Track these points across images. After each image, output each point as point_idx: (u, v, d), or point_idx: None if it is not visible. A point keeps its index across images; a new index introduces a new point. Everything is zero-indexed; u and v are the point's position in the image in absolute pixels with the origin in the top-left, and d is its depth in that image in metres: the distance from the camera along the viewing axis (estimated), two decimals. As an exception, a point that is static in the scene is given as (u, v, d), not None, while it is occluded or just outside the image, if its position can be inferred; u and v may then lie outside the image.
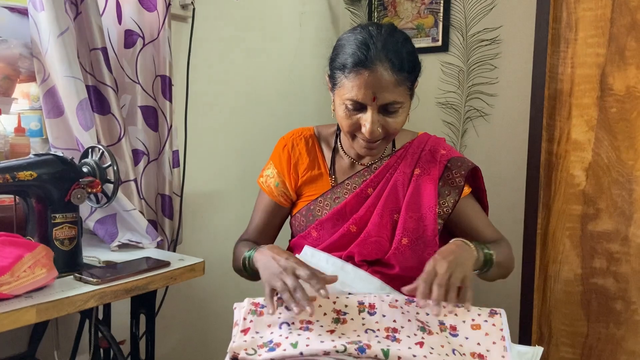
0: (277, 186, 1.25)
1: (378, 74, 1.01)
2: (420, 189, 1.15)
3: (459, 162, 1.18)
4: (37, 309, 0.87)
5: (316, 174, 1.23)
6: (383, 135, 1.08)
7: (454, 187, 1.16)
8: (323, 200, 1.20)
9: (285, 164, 1.24)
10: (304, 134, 1.27)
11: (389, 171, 1.18)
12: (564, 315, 1.70)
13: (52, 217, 1.04)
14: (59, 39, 1.18)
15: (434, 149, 1.20)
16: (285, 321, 0.94)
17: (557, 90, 1.71)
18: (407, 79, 1.04)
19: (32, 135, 1.34)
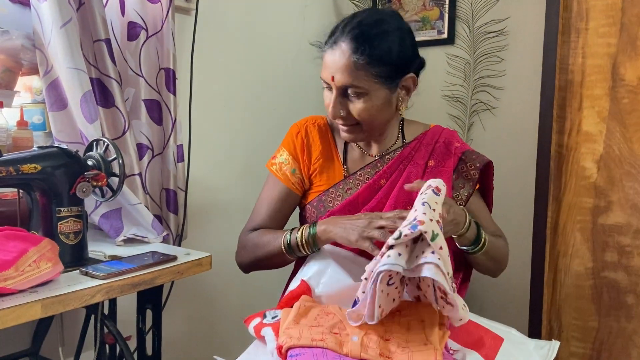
0: (294, 172, 1.22)
1: (337, 54, 1.04)
2: None
3: (474, 155, 1.18)
4: (42, 303, 0.84)
5: (329, 163, 1.21)
6: (353, 120, 1.09)
7: (468, 180, 1.15)
8: (335, 191, 1.18)
9: (300, 150, 1.22)
10: (318, 122, 1.25)
11: (403, 162, 1.16)
12: (575, 309, 1.68)
13: (57, 210, 1.02)
14: (62, 30, 1.15)
15: (448, 141, 1.19)
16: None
17: (567, 81, 1.69)
18: (373, 65, 1.03)
19: (35, 129, 1.32)
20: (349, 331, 0.89)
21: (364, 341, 0.87)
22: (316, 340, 0.87)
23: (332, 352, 0.84)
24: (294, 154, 1.23)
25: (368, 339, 0.87)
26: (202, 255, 1.16)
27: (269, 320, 1.01)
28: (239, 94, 1.81)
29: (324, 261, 1.09)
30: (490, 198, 1.25)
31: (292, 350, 0.87)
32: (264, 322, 1.00)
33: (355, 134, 1.13)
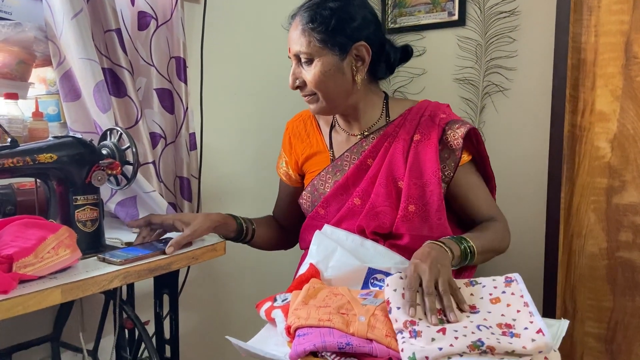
0: (282, 165, 1.36)
1: (293, 26, 1.16)
2: (420, 155, 1.13)
3: (457, 123, 1.16)
4: (62, 289, 0.87)
5: (315, 151, 1.28)
6: (310, 89, 1.15)
7: (453, 150, 1.14)
8: (325, 174, 1.22)
9: (288, 147, 1.33)
10: (303, 116, 1.35)
11: (388, 140, 1.17)
12: (589, 290, 1.67)
13: (74, 199, 1.04)
14: (73, 21, 1.17)
15: (434, 114, 1.18)
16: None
17: (580, 60, 1.66)
18: (315, 31, 1.11)
19: (50, 120, 1.35)
20: (356, 311, 0.91)
21: (370, 321, 0.88)
22: (323, 320, 0.88)
23: (339, 331, 0.86)
24: (288, 151, 1.34)
25: (375, 319, 0.89)
26: (216, 241, 1.18)
27: (279, 303, 1.03)
28: (249, 81, 1.82)
29: (330, 245, 1.11)
30: (489, 168, 1.23)
31: (300, 329, 0.88)
32: (274, 305, 1.02)
33: (314, 104, 1.18)
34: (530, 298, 0.90)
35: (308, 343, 0.84)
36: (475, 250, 1.05)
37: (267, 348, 0.92)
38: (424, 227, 1.11)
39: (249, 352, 0.91)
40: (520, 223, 1.79)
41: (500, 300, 0.91)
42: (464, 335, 0.80)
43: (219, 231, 1.21)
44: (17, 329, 1.23)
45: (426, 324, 0.85)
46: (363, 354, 0.83)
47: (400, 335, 0.83)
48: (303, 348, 0.84)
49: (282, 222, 1.40)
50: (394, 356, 0.82)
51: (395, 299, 0.90)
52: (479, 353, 0.78)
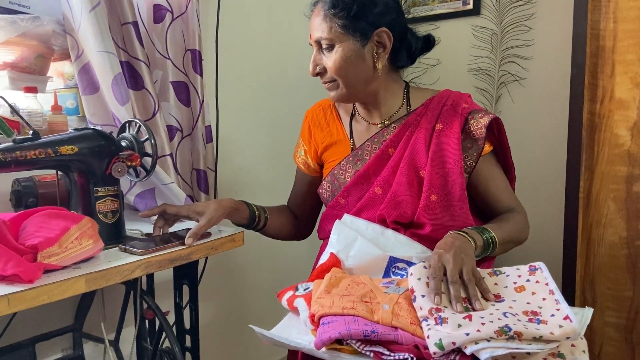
0: (301, 154, 1.34)
1: (315, 12, 1.15)
2: (443, 144, 1.13)
3: (480, 113, 1.15)
4: (86, 278, 0.88)
5: (335, 140, 1.27)
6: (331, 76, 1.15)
7: (476, 140, 1.13)
8: (345, 164, 1.21)
9: (307, 135, 1.32)
10: (323, 105, 1.33)
11: (409, 129, 1.17)
12: (609, 279, 1.66)
13: (95, 190, 1.05)
14: (91, 14, 1.18)
15: (456, 103, 1.17)
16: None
17: (599, 47, 1.64)
18: (337, 16, 1.11)
19: (69, 114, 1.36)
20: (379, 300, 0.91)
21: (394, 309, 0.88)
22: (347, 309, 0.88)
23: (364, 319, 0.86)
24: (307, 140, 1.32)
25: (399, 307, 0.88)
26: (235, 232, 1.18)
27: (301, 292, 1.03)
28: (264, 73, 1.82)
29: (350, 234, 1.11)
30: (509, 159, 1.22)
31: (325, 317, 0.88)
32: (296, 294, 1.02)
33: (334, 90, 1.17)
34: (556, 286, 0.89)
35: (333, 331, 0.84)
36: (497, 240, 1.05)
37: (291, 336, 0.92)
38: (446, 217, 1.11)
39: (272, 341, 0.91)
40: (538, 212, 1.78)
41: (525, 289, 0.90)
42: (491, 322, 0.80)
43: (232, 217, 1.21)
44: (40, 319, 1.25)
45: (452, 312, 0.84)
46: (388, 341, 0.83)
47: (426, 323, 0.83)
48: (328, 336, 0.84)
49: (296, 212, 1.40)
50: (420, 343, 0.82)
51: (420, 288, 0.89)
52: (506, 339, 0.77)
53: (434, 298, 0.86)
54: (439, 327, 0.80)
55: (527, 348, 0.76)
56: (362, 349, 0.83)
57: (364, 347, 0.83)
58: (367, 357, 0.83)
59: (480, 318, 0.81)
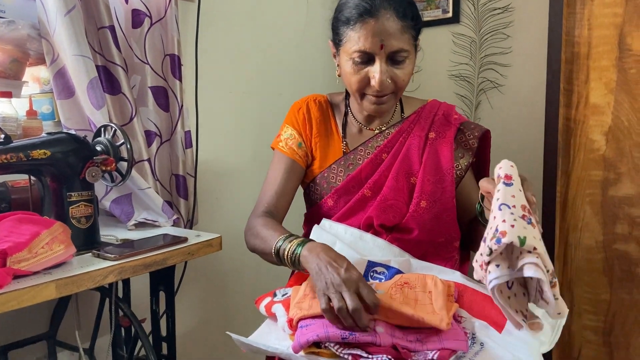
0: (300, 146, 1.24)
1: (384, 20, 1.03)
2: (437, 152, 1.15)
3: (472, 125, 1.19)
4: (56, 284, 0.86)
5: (328, 138, 1.24)
6: (392, 88, 1.08)
7: (467, 150, 1.16)
8: (337, 167, 1.19)
9: (302, 125, 1.25)
10: (318, 99, 1.28)
11: (403, 135, 1.18)
12: (586, 283, 1.68)
13: (68, 195, 1.03)
14: (66, 18, 1.16)
15: (447, 113, 1.20)
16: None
17: (573, 54, 1.67)
18: (412, 27, 1.06)
19: (45, 119, 1.34)
20: None
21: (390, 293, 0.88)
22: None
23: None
24: (298, 128, 1.25)
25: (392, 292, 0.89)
26: (212, 237, 1.17)
27: (279, 298, 1.02)
28: (244, 79, 1.82)
29: (329, 239, 1.10)
30: (487, 170, 1.24)
31: (303, 321, 0.88)
32: (274, 300, 1.01)
33: (388, 103, 1.11)
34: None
35: (311, 334, 0.83)
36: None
37: (269, 342, 0.91)
38: (433, 223, 1.11)
39: (250, 348, 0.90)
40: (516, 218, 1.79)
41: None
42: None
43: None
44: (13, 327, 1.22)
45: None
46: (366, 343, 0.83)
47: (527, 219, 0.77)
48: (306, 339, 0.83)
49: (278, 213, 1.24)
50: (398, 344, 0.82)
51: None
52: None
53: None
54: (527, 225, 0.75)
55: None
56: (340, 352, 0.83)
57: (342, 350, 0.83)
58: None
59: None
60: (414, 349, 0.82)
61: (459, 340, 0.82)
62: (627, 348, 1.63)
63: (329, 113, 1.26)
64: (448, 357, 0.80)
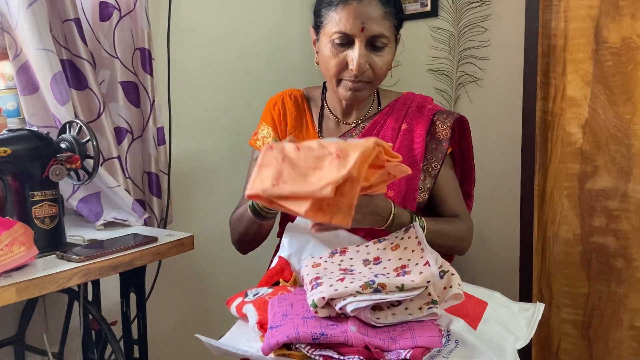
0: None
1: (366, 3, 1.03)
2: (408, 144, 1.13)
3: (444, 114, 1.16)
4: (16, 287, 0.83)
5: (304, 134, 1.21)
6: (369, 75, 1.07)
7: (440, 141, 1.13)
8: None
9: (277, 121, 1.22)
10: (294, 94, 1.25)
11: (377, 128, 1.16)
12: (565, 276, 1.68)
13: (31, 195, 1.00)
14: (29, 10, 1.12)
15: (421, 105, 1.18)
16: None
17: (550, 46, 1.66)
18: (394, 15, 1.05)
19: (9, 116, 1.29)
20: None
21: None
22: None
23: (313, 321, 0.83)
24: (273, 125, 1.23)
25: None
26: (183, 236, 1.14)
27: (250, 298, 0.99)
28: (219, 73, 1.78)
29: (302, 237, 1.08)
30: (471, 160, 1.22)
31: (273, 321, 0.85)
32: (245, 301, 0.98)
33: (363, 91, 1.10)
34: (424, 238, 0.91)
35: (281, 335, 0.81)
36: (424, 225, 1.04)
37: (239, 345, 0.89)
38: None
39: (220, 350, 0.87)
40: (495, 211, 1.80)
41: (399, 246, 0.93)
42: (360, 280, 0.83)
43: None
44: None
45: (328, 277, 0.87)
46: (338, 343, 0.80)
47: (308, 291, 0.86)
48: (276, 340, 0.81)
49: None
50: (370, 344, 0.80)
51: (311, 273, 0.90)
52: (372, 291, 0.80)
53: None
54: (314, 291, 0.84)
55: (391, 297, 0.80)
56: (311, 353, 0.80)
57: (313, 352, 0.81)
58: None
59: (352, 279, 0.84)
60: (386, 348, 0.80)
61: (432, 337, 0.80)
62: (605, 341, 1.64)
63: (304, 107, 1.24)
64: (421, 356, 0.78)
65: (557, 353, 1.71)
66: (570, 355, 1.68)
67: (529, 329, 0.91)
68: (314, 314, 0.85)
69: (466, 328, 0.88)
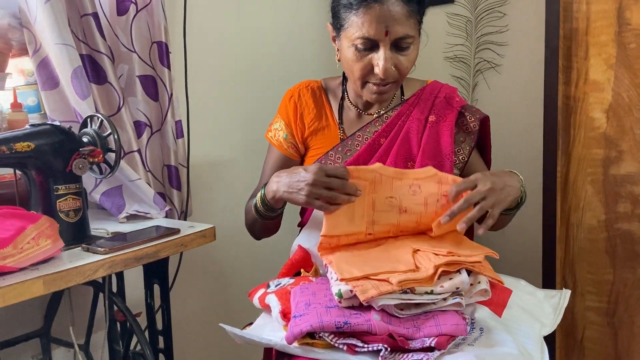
0: (286, 138, 1.23)
1: (389, 5, 0.98)
2: (436, 136, 1.12)
3: (473, 108, 1.17)
4: (43, 280, 0.84)
5: (324, 125, 1.20)
6: (395, 76, 1.05)
7: (469, 133, 1.13)
8: (334, 154, 1.16)
9: (292, 114, 1.22)
10: (311, 85, 1.24)
11: (401, 119, 1.14)
12: (589, 263, 1.65)
13: (55, 188, 1.01)
14: (47, 5, 1.13)
15: (449, 96, 1.16)
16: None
17: (572, 30, 1.63)
18: (417, 11, 1.02)
19: (30, 111, 1.31)
20: None
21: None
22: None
23: (336, 310, 0.83)
24: (287, 119, 1.23)
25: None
26: (205, 227, 1.14)
27: (272, 289, 1.00)
28: (235, 65, 1.78)
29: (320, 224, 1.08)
30: (489, 155, 1.23)
31: (296, 310, 0.86)
32: (267, 291, 0.99)
33: (390, 92, 1.08)
34: None
35: (305, 324, 0.81)
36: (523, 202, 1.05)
37: (263, 334, 0.89)
38: None
39: (244, 340, 0.88)
40: (517, 199, 1.77)
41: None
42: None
43: None
44: (5, 325, 1.20)
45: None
46: (362, 332, 0.80)
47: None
48: (300, 329, 0.81)
49: None
50: (394, 332, 0.79)
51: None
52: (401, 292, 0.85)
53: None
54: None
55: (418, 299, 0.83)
56: (335, 341, 0.81)
57: (337, 340, 0.81)
58: (340, 351, 0.80)
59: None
60: (410, 336, 0.80)
61: (457, 325, 0.80)
62: (631, 328, 1.61)
63: (322, 99, 1.22)
64: (446, 344, 0.78)
65: (581, 341, 1.69)
66: (595, 343, 1.66)
67: (556, 316, 0.90)
68: (337, 303, 0.85)
69: (491, 315, 0.87)
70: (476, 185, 0.91)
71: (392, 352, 0.79)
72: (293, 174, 0.98)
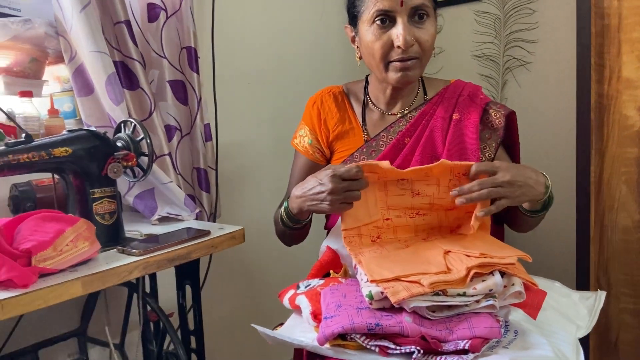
0: (311, 143, 1.25)
1: None
2: (461, 134, 1.11)
3: (498, 105, 1.15)
4: (82, 281, 0.86)
5: (347, 128, 1.21)
6: (417, 50, 1.05)
7: (495, 130, 1.11)
8: (359, 155, 1.17)
9: (316, 120, 1.24)
10: (333, 91, 1.26)
11: (425, 118, 1.14)
12: (624, 264, 1.61)
13: (91, 192, 1.04)
14: (82, 14, 1.16)
15: (473, 94, 1.15)
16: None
17: (604, 26, 1.59)
18: None
19: (66, 117, 1.35)
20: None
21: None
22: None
23: (367, 312, 0.83)
24: (311, 125, 1.25)
25: None
26: (234, 229, 1.16)
27: (302, 290, 1.00)
28: (261, 68, 1.80)
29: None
30: (517, 151, 1.20)
31: (327, 312, 0.86)
32: (297, 293, 0.99)
33: (413, 70, 1.08)
34: None
35: (336, 325, 0.81)
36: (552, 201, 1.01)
37: (294, 335, 0.90)
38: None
39: (275, 340, 0.89)
40: (548, 199, 1.74)
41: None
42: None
43: None
44: (43, 325, 1.24)
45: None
46: (393, 334, 0.80)
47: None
48: (331, 331, 0.81)
49: None
50: (426, 334, 0.79)
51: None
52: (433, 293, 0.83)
53: None
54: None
55: (450, 301, 0.82)
56: (366, 343, 0.81)
57: (368, 342, 0.81)
58: (372, 352, 0.80)
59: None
60: (443, 338, 0.79)
61: (491, 327, 0.79)
62: (668, 331, 1.57)
63: (345, 104, 1.24)
64: (480, 346, 0.77)
65: (616, 343, 1.65)
66: (630, 345, 1.62)
67: (591, 318, 0.88)
68: (368, 305, 0.85)
69: (525, 318, 0.86)
70: (496, 172, 0.90)
71: (424, 355, 0.78)
72: (309, 187, 0.99)
